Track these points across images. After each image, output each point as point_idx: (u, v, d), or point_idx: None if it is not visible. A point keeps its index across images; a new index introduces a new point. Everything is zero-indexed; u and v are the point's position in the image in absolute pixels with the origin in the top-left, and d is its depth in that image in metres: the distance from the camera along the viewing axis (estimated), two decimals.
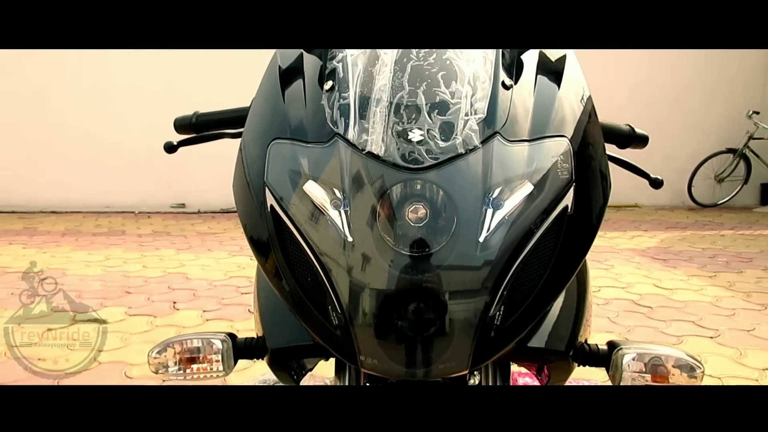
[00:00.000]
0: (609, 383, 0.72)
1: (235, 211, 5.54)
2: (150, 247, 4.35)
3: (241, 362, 0.75)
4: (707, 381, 2.12)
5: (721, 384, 2.06)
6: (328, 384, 1.26)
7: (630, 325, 2.62)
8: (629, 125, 0.97)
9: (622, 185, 0.96)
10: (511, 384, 0.76)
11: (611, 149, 1.00)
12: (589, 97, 0.70)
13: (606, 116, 0.86)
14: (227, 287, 3.24)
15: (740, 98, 6.69)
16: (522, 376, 1.22)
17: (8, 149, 6.06)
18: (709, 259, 3.97)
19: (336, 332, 0.59)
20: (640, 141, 0.97)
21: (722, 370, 2.15)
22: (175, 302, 2.95)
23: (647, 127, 0.98)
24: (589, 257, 0.73)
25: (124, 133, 6.07)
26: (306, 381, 0.81)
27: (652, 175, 0.95)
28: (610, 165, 1.00)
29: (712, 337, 2.49)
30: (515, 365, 0.84)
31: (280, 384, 0.75)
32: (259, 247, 0.66)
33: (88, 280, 3.35)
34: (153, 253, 4.15)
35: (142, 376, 2.05)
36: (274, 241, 0.62)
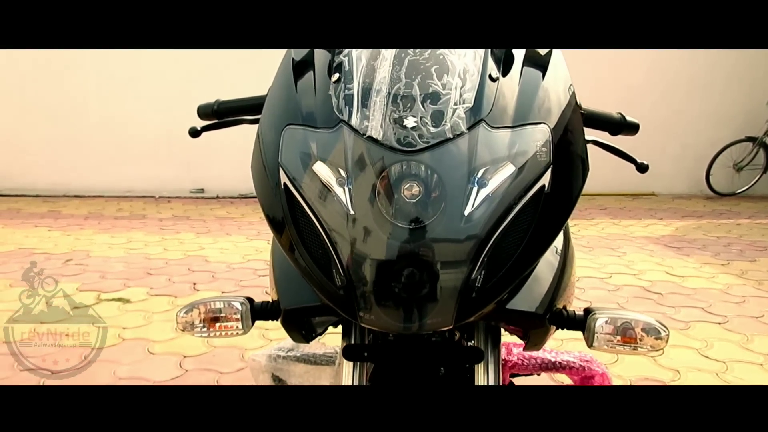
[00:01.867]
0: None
1: (253, 197, 5.67)
2: (170, 231, 4.49)
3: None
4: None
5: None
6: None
7: (638, 310, 2.68)
8: (620, 113, 1.04)
9: (637, 173, 1.02)
10: (501, 346, 0.86)
11: (603, 136, 1.08)
12: (572, 88, 0.79)
13: (621, 102, 0.92)
14: (245, 270, 3.36)
15: (760, 86, 6.62)
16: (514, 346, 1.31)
17: (32, 135, 6.24)
18: (723, 248, 4.00)
19: (340, 293, 0.69)
20: (631, 128, 1.04)
21: (728, 354, 2.21)
22: (195, 283, 3.07)
23: (664, 114, 1.04)
24: (601, 244, 0.82)
25: (144, 120, 6.21)
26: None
27: (638, 160, 1.03)
28: (601, 151, 1.08)
29: (720, 323, 2.54)
30: (507, 334, 0.93)
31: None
32: (274, 220, 0.76)
33: (111, 262, 3.49)
34: (173, 236, 4.28)
35: (164, 352, 2.17)
36: (287, 216, 0.72)
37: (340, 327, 0.92)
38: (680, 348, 2.26)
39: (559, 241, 0.91)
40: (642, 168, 1.02)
